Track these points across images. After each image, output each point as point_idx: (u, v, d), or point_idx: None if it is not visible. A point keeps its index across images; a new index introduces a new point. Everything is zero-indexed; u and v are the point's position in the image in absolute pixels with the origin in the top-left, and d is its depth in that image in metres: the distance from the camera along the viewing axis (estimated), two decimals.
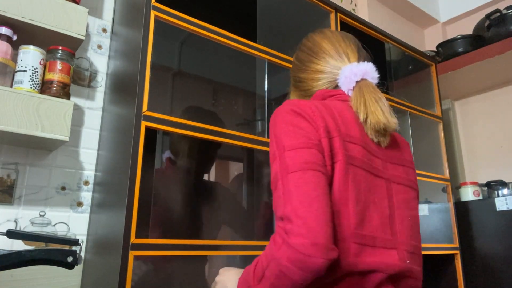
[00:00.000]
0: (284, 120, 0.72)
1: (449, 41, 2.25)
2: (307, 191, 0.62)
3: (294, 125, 0.71)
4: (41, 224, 1.13)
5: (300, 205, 0.60)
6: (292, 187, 0.62)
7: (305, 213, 0.59)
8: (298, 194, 0.61)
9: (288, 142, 0.68)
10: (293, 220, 0.59)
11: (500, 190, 1.97)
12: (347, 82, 0.82)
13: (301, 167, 0.64)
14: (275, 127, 0.73)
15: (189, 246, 0.99)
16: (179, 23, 1.12)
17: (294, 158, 0.65)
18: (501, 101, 2.34)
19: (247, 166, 1.56)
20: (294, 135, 0.69)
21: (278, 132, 0.71)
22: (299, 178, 0.63)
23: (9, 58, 1.00)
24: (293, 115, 0.73)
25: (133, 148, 0.95)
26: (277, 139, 0.70)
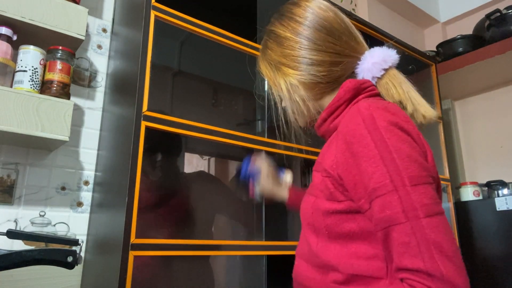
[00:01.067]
0: (392, 138, 0.58)
1: (449, 41, 2.25)
2: (451, 244, 0.52)
3: (408, 148, 0.58)
4: (41, 224, 1.13)
5: (450, 262, 0.51)
6: (432, 237, 0.52)
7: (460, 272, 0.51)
8: (443, 248, 0.52)
9: (407, 172, 0.55)
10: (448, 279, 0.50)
11: (500, 190, 1.97)
12: (375, 69, 0.71)
13: (435, 210, 0.54)
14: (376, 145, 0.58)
15: (189, 246, 0.99)
16: (179, 23, 1.12)
17: (422, 198, 0.54)
18: (501, 101, 2.34)
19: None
20: (414, 164, 0.56)
21: (386, 154, 0.57)
22: (437, 227, 0.53)
23: (9, 58, 1.00)
24: (400, 132, 0.59)
25: (133, 148, 0.95)
26: (387, 163, 0.56)
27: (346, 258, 0.63)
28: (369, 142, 0.59)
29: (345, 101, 0.71)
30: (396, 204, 0.55)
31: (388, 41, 1.81)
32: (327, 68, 0.72)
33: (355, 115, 0.63)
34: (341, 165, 0.63)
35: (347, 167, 0.62)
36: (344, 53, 0.72)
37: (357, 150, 0.60)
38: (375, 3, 2.43)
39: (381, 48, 0.73)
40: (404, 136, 0.59)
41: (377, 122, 0.60)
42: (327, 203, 0.66)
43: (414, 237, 0.53)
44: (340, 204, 0.64)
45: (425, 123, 0.69)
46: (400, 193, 0.55)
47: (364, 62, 0.73)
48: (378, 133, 0.59)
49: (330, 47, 0.72)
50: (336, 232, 0.65)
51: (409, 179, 0.55)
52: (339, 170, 0.63)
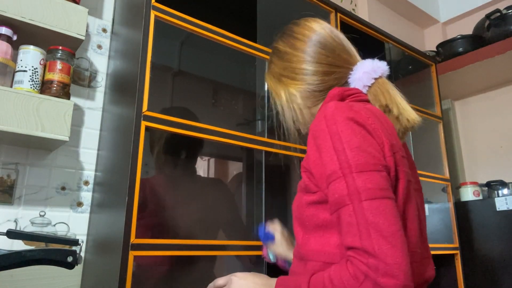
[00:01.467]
0: (345, 132, 0.65)
1: (449, 41, 2.25)
2: (389, 224, 0.57)
3: (359, 140, 0.64)
4: (41, 224, 1.13)
5: (384, 240, 0.56)
6: (371, 217, 0.57)
7: (392, 250, 0.55)
8: (380, 228, 0.57)
9: (355, 160, 0.62)
10: (379, 256, 0.55)
11: (500, 190, 1.97)
12: (366, 78, 0.77)
13: (376, 194, 0.59)
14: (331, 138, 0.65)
15: (189, 246, 0.99)
16: (179, 23, 1.12)
17: (366, 183, 0.60)
18: (501, 101, 2.34)
19: (247, 166, 1.56)
20: (362, 153, 0.62)
21: (339, 145, 0.64)
22: (376, 208, 0.58)
23: (9, 58, 1.00)
24: (355, 126, 0.66)
25: (133, 148, 0.95)
26: (338, 153, 0.63)
27: (321, 247, 0.68)
28: (326, 135, 0.66)
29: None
30: (343, 188, 0.61)
31: (388, 41, 1.81)
32: (320, 77, 0.80)
33: (320, 114, 0.70)
34: (311, 159, 0.69)
35: (314, 160, 0.68)
36: (336, 64, 0.80)
37: (319, 143, 0.67)
38: (375, 3, 2.43)
39: (371, 60, 0.79)
40: (358, 129, 0.65)
41: (335, 117, 0.67)
42: (305, 196, 0.72)
43: (355, 218, 0.59)
44: (314, 196, 0.70)
45: (409, 126, 0.74)
46: (347, 178, 0.61)
47: (355, 72, 0.79)
48: (334, 127, 0.66)
49: (323, 59, 0.80)
50: (314, 223, 0.70)
51: (355, 166, 0.61)
52: (310, 164, 0.69)
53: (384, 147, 0.66)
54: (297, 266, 0.74)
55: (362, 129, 0.65)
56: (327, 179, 0.64)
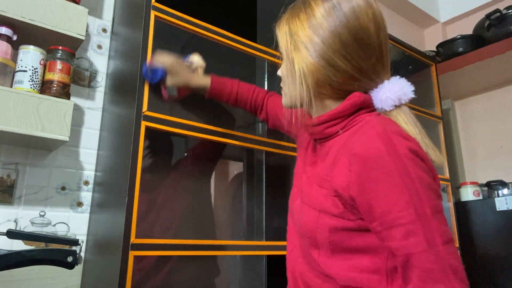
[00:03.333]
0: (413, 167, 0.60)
1: (449, 41, 2.25)
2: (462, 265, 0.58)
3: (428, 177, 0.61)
4: (41, 224, 1.13)
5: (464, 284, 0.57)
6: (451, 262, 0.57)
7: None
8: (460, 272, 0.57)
9: (429, 202, 0.58)
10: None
11: (500, 190, 1.97)
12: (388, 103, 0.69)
13: (451, 237, 0.59)
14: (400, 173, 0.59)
15: (189, 246, 0.99)
16: (179, 23, 1.12)
17: (442, 226, 0.58)
18: (501, 101, 2.34)
19: (247, 166, 1.56)
20: (433, 193, 0.60)
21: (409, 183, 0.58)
22: (453, 252, 0.58)
23: (9, 58, 1.00)
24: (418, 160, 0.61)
25: (133, 148, 0.95)
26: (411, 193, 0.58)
27: (348, 271, 0.66)
28: (393, 170, 0.59)
29: (348, 115, 0.71)
30: (420, 232, 0.57)
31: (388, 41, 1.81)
32: (344, 78, 0.69)
33: (372, 137, 0.62)
34: (355, 188, 0.62)
35: (362, 190, 0.62)
36: (366, 73, 0.70)
37: (379, 176, 0.60)
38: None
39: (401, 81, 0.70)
40: (422, 164, 0.61)
41: (399, 149, 0.60)
42: (335, 220, 0.66)
43: (436, 264, 0.56)
44: (350, 223, 0.65)
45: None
46: (423, 222, 0.58)
47: (380, 90, 0.70)
48: (400, 161, 0.60)
49: (357, 61, 0.69)
50: (341, 247, 0.66)
51: (430, 208, 0.58)
52: (352, 192, 0.63)
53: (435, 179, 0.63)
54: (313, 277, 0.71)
55: (424, 164, 0.61)
56: (393, 220, 0.59)
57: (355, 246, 0.65)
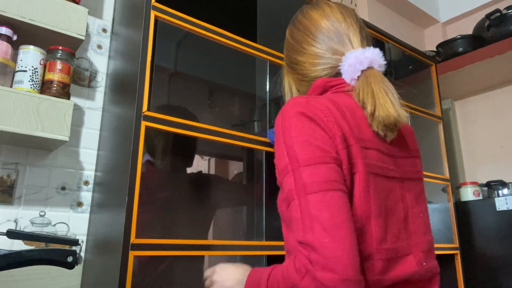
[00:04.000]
0: (295, 126, 0.65)
1: (449, 41, 2.25)
2: (331, 216, 0.56)
3: (308, 134, 0.64)
4: (41, 224, 1.13)
5: (326, 234, 0.55)
6: (314, 211, 0.57)
7: (332, 243, 0.54)
8: (322, 220, 0.56)
9: (302, 155, 0.62)
10: (319, 250, 0.54)
11: (500, 190, 1.97)
12: (351, 70, 0.74)
13: (321, 187, 0.59)
14: (283, 133, 0.66)
15: (189, 246, 0.99)
16: (179, 23, 1.12)
17: (312, 176, 0.60)
18: (501, 101, 2.34)
19: (247, 166, 1.56)
20: (309, 147, 0.62)
21: (289, 140, 0.64)
22: (320, 201, 0.58)
23: (9, 58, 1.00)
24: (304, 120, 0.65)
25: (133, 148, 0.95)
26: (288, 148, 0.63)
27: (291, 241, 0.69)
28: (279, 131, 0.67)
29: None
30: (291, 183, 0.61)
31: (388, 41, 1.81)
32: (306, 68, 0.80)
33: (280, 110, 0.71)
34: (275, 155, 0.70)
35: (275, 156, 0.69)
36: (324, 55, 0.78)
37: (276, 139, 0.68)
38: (375, 3, 2.43)
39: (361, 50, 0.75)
40: (307, 123, 0.65)
41: (287, 113, 0.67)
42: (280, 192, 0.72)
43: (300, 212, 0.59)
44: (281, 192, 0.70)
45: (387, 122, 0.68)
46: (295, 173, 0.61)
47: (343, 63, 0.76)
48: (286, 123, 0.66)
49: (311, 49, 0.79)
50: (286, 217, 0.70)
51: (303, 160, 0.61)
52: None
53: (336, 140, 0.64)
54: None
55: (311, 123, 0.65)
56: (279, 175, 0.66)
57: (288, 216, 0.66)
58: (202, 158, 1.57)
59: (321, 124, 0.65)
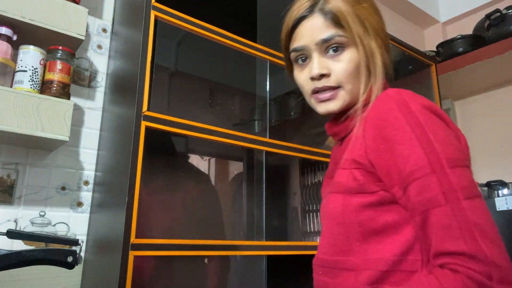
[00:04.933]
0: (427, 121, 0.56)
1: (449, 41, 2.25)
2: (492, 225, 0.52)
3: (444, 132, 0.57)
4: (41, 224, 1.13)
5: (493, 244, 0.50)
6: (474, 218, 0.50)
7: (503, 255, 0.50)
8: (485, 229, 0.51)
9: (445, 154, 0.54)
10: (492, 261, 0.48)
11: (500, 190, 1.97)
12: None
13: (473, 193, 0.52)
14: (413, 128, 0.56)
15: (189, 246, 0.99)
16: (179, 23, 1.12)
17: (461, 180, 0.53)
18: (501, 101, 2.34)
19: (247, 166, 1.56)
20: (450, 146, 0.55)
21: (422, 136, 0.55)
22: (478, 208, 0.52)
23: (9, 58, 1.00)
24: (434, 116, 0.58)
25: (133, 148, 0.95)
26: (424, 146, 0.54)
27: (380, 255, 0.60)
28: (404, 125, 0.56)
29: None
30: (435, 186, 0.52)
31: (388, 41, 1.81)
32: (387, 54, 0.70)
33: (385, 100, 0.60)
34: (372, 152, 0.59)
35: (379, 153, 0.58)
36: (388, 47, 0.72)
37: (391, 134, 0.57)
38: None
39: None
40: (437, 119, 0.58)
41: (411, 105, 0.58)
42: (358, 197, 0.62)
43: (455, 220, 0.50)
44: (372, 196, 0.61)
45: None
46: (438, 175, 0.53)
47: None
48: (413, 116, 0.57)
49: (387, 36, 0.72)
50: (371, 228, 0.61)
51: (447, 161, 0.53)
52: (370, 157, 0.60)
53: (461, 140, 0.60)
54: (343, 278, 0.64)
55: (440, 120, 0.58)
56: (408, 176, 0.55)
57: (384, 224, 0.60)
58: (202, 158, 1.57)
59: (448, 122, 0.59)
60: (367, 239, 0.61)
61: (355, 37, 0.66)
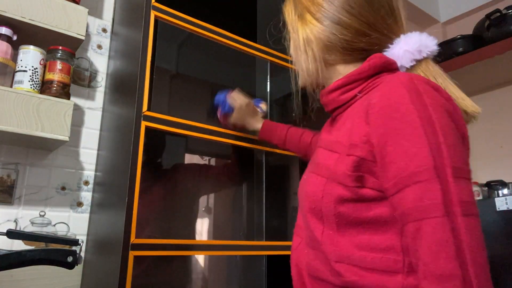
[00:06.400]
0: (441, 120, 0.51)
1: (449, 41, 2.25)
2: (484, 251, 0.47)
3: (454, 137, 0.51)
4: (41, 224, 1.13)
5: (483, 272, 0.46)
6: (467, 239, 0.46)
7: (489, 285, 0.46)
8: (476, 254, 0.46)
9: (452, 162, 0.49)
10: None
11: (500, 190, 1.97)
12: (406, 58, 0.63)
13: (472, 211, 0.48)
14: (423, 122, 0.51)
15: (189, 246, 0.99)
16: (179, 23, 1.12)
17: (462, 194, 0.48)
18: (501, 101, 2.34)
19: (247, 166, 1.56)
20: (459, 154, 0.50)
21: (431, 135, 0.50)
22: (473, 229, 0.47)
23: (9, 58, 1.00)
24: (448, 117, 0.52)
25: (133, 148, 0.95)
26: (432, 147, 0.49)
27: (357, 250, 0.56)
28: (415, 119, 0.51)
29: (366, 77, 0.64)
30: (437, 194, 0.48)
31: None
32: (351, 35, 0.65)
33: (395, 86, 0.55)
34: (374, 142, 0.55)
35: (381, 145, 0.53)
36: (376, 27, 0.65)
37: (398, 127, 0.52)
38: None
39: (420, 34, 0.64)
40: (450, 121, 0.52)
41: (425, 98, 0.52)
42: (342, 189, 0.58)
43: (452, 237, 0.46)
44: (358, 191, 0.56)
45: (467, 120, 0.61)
46: (442, 183, 0.48)
47: (396, 46, 0.65)
48: (426, 111, 0.51)
49: (363, 15, 0.64)
50: (347, 221, 0.58)
51: (452, 169, 0.48)
52: (372, 147, 0.55)
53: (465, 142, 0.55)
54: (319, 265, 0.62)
55: (452, 123, 0.52)
56: (410, 176, 0.50)
57: (363, 219, 0.56)
58: (202, 158, 1.57)
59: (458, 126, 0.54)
60: (342, 229, 0.58)
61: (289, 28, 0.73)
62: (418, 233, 0.49)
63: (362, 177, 0.56)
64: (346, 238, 0.58)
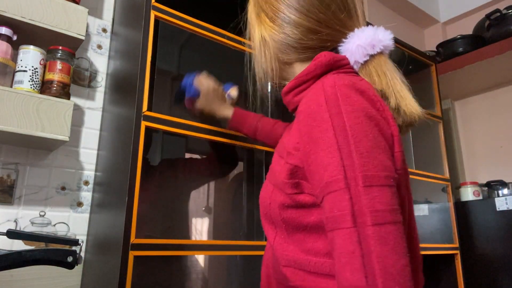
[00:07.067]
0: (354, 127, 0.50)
1: (449, 41, 2.25)
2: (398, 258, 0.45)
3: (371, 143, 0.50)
4: (41, 224, 1.13)
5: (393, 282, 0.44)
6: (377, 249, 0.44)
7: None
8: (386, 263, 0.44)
9: (363, 170, 0.48)
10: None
11: (500, 190, 1.97)
12: (359, 53, 0.62)
13: (386, 218, 0.46)
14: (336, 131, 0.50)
15: (189, 246, 0.99)
16: (179, 23, 1.12)
17: (374, 202, 0.47)
18: (501, 101, 2.34)
19: (247, 166, 1.56)
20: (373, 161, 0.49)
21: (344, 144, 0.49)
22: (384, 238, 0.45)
23: (9, 58, 1.00)
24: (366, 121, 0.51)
25: (133, 148, 0.95)
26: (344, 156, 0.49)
27: (304, 254, 0.57)
28: (329, 129, 0.51)
29: (314, 77, 0.62)
30: (346, 204, 0.47)
31: None
32: (302, 33, 0.64)
33: (318, 94, 0.55)
34: (302, 150, 0.55)
35: (307, 153, 0.54)
36: (327, 23, 0.64)
37: (317, 136, 0.52)
38: (375, 2, 2.43)
39: (376, 28, 0.63)
40: (369, 126, 0.51)
41: (341, 106, 0.52)
42: (283, 196, 0.59)
43: (359, 248, 0.45)
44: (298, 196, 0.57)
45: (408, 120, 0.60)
46: (352, 193, 0.47)
47: (350, 41, 0.63)
48: (340, 119, 0.51)
49: (313, 12, 0.64)
50: (293, 226, 0.58)
51: (363, 178, 0.48)
52: (301, 155, 0.56)
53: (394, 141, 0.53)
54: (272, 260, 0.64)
55: (374, 126, 0.51)
56: (325, 187, 0.50)
57: (306, 224, 0.57)
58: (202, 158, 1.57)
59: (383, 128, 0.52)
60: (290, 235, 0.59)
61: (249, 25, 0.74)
62: (333, 243, 0.49)
63: (299, 183, 0.57)
64: (295, 243, 0.59)
